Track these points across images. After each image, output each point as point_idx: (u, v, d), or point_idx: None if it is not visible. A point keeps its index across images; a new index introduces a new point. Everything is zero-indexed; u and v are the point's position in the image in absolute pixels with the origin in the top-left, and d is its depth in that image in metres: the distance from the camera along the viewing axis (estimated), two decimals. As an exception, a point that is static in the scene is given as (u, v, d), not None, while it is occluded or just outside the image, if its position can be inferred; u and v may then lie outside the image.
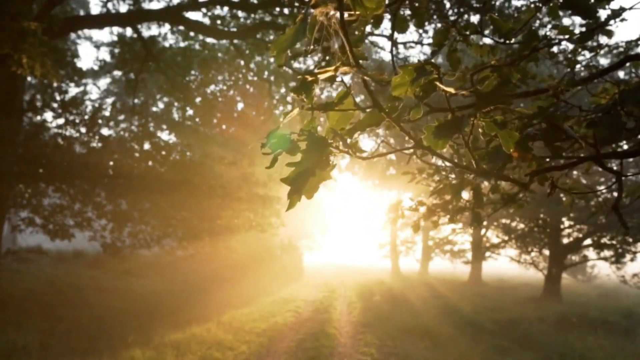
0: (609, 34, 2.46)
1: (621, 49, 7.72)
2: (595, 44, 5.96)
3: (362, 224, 43.90)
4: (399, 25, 2.10)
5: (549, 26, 8.35)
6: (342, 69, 1.07)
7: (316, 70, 1.11)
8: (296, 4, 10.69)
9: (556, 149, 1.19)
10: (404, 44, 10.93)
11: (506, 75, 1.34)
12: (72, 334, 8.37)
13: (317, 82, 1.08)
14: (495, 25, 1.79)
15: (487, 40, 2.11)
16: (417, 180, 3.83)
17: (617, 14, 2.58)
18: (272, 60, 17.86)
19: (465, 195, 3.74)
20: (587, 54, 7.32)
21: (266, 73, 17.04)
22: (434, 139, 1.11)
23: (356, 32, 1.87)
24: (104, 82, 34.35)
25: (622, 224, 1.47)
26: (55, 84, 12.71)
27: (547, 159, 1.42)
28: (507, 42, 1.68)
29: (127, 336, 8.44)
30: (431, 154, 1.16)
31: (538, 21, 8.79)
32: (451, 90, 1.06)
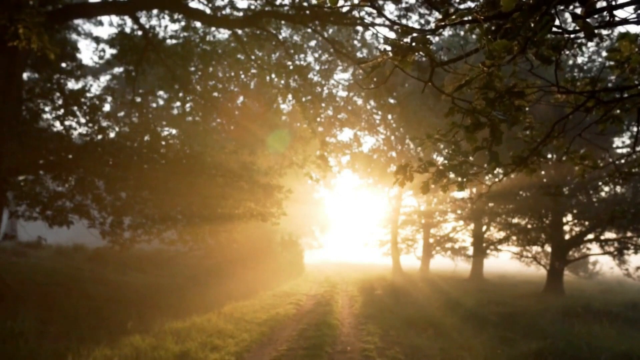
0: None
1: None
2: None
3: (362, 222, 43.86)
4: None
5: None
6: None
7: None
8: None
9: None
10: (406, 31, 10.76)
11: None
12: (71, 322, 8.25)
13: None
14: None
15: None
16: (425, 145, 3.71)
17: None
18: (272, 56, 17.70)
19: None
20: None
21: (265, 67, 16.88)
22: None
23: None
24: (103, 79, 34.27)
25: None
26: (54, 80, 12.62)
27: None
28: None
29: (126, 324, 8.31)
30: None
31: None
32: None
